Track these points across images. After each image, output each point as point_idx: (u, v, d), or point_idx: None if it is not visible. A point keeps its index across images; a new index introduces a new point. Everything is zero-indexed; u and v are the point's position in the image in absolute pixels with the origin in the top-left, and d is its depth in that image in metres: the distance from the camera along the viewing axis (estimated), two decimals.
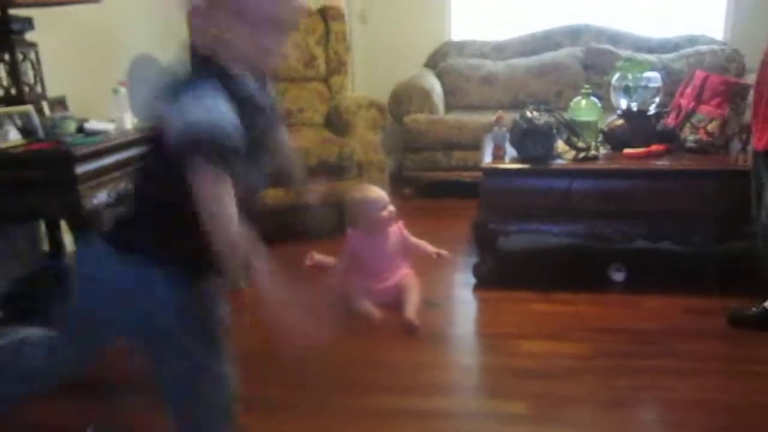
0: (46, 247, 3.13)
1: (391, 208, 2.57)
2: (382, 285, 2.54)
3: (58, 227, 3.06)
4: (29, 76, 2.58)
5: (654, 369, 2.03)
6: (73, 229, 2.28)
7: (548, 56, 4.48)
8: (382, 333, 2.33)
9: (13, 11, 2.49)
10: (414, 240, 2.66)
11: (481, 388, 2.04)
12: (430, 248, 2.63)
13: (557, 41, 4.58)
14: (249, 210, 1.19)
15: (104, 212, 2.33)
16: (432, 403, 1.90)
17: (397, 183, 3.97)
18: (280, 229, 3.61)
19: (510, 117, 2.72)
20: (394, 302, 2.47)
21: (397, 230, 2.63)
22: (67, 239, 3.00)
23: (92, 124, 2.50)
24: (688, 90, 2.75)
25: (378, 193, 2.59)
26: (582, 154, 2.59)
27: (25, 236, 3.00)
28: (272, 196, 3.23)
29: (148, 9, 4.10)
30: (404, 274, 2.59)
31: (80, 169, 2.22)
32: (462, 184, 3.97)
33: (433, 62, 4.69)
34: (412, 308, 2.39)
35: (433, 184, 4.12)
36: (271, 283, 1.15)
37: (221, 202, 1.10)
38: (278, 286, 1.15)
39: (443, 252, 2.60)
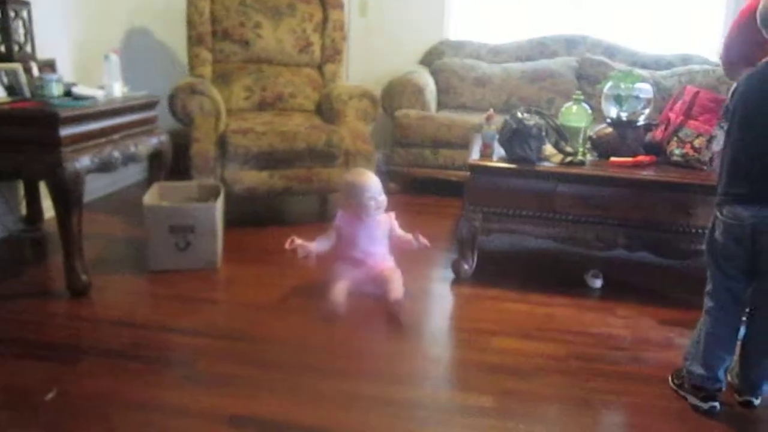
0: (23, 211, 3.10)
1: (381, 198, 2.55)
2: (365, 273, 2.52)
3: (37, 191, 3.03)
4: (20, 34, 2.55)
5: (622, 374, 2.05)
6: (54, 192, 2.25)
7: (543, 63, 4.50)
8: (359, 320, 2.33)
9: None
10: (400, 232, 2.62)
11: (450, 381, 2.04)
12: (411, 237, 2.57)
13: (553, 49, 4.61)
14: None
15: (86, 177, 2.31)
16: (401, 392, 1.90)
17: (384, 176, 3.95)
18: (263, 212, 3.61)
19: (501, 118, 2.73)
20: (376, 292, 2.46)
21: (386, 219, 2.60)
22: (46, 204, 2.97)
23: (80, 89, 2.48)
24: (678, 105, 2.77)
25: (371, 180, 2.56)
26: (569, 159, 2.61)
27: (2, 200, 2.97)
28: (255, 179, 3.22)
29: None
30: (388, 266, 2.57)
31: (65, 131, 2.20)
32: (447, 182, 3.99)
33: (429, 60, 4.70)
34: (396, 292, 2.39)
35: (419, 180, 4.13)
36: None
37: None
38: None
39: (423, 240, 2.53)
